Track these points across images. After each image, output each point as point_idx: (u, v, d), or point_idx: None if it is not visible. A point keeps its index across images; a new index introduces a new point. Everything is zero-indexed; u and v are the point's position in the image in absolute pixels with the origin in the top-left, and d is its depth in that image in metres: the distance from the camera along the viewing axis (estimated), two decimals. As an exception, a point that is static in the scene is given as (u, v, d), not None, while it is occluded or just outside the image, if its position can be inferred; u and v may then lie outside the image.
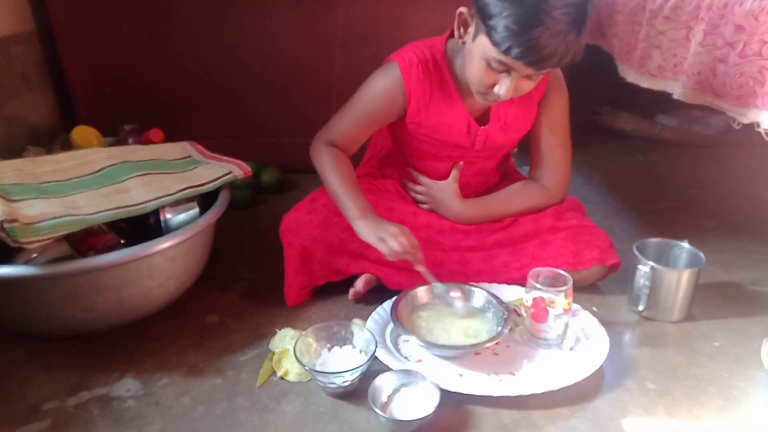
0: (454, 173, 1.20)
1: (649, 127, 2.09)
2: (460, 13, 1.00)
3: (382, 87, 1.11)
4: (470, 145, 1.17)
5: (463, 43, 1.03)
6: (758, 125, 0.98)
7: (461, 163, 1.20)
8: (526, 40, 0.88)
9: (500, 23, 0.89)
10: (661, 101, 1.26)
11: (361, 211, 1.05)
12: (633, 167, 1.91)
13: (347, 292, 1.13)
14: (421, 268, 1.02)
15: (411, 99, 1.10)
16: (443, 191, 1.20)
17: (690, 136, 2.05)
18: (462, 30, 1.02)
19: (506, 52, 0.91)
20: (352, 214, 1.05)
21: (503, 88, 0.97)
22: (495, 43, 0.91)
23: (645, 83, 1.25)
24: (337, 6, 1.59)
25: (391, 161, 1.28)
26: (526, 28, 0.88)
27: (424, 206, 1.23)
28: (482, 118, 1.16)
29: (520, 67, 0.93)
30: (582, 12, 0.90)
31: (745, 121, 1.01)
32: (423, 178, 1.23)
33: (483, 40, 0.94)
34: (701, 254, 1.08)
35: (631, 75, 1.31)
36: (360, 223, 1.04)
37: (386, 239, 1.00)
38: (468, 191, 1.22)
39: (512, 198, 1.20)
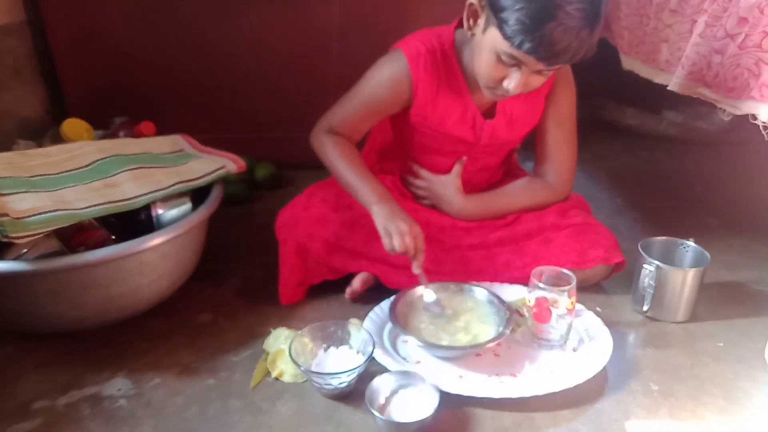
0: (456, 168, 1.18)
1: (655, 122, 2.08)
2: (470, 4, 0.98)
3: (388, 76, 1.08)
4: (475, 140, 1.14)
5: (473, 34, 1.00)
6: (754, 117, 0.97)
7: (464, 158, 1.18)
8: (539, 35, 0.86)
9: (512, 16, 0.87)
10: (666, 96, 1.24)
11: (378, 196, 1.03)
12: (637, 164, 1.90)
13: (344, 290, 1.11)
14: (418, 271, 1.00)
15: (418, 90, 1.08)
16: (445, 186, 1.18)
17: (695, 132, 2.04)
18: (471, 21, 0.99)
19: (518, 46, 0.89)
20: (368, 199, 1.04)
21: (512, 82, 0.95)
22: (506, 37, 0.89)
23: (658, 78, 1.23)
24: (333, -3, 1.56)
25: (391, 155, 1.26)
26: (538, 23, 0.86)
27: (425, 202, 1.21)
28: (488, 113, 1.14)
29: (531, 62, 0.92)
30: (595, 8, 0.88)
31: (738, 113, 1.01)
32: (424, 172, 1.20)
33: (494, 32, 0.92)
34: (706, 253, 1.06)
35: (640, 68, 1.29)
36: (376, 208, 1.02)
37: (392, 234, 0.98)
38: (470, 188, 1.20)
39: (515, 194, 1.18)
